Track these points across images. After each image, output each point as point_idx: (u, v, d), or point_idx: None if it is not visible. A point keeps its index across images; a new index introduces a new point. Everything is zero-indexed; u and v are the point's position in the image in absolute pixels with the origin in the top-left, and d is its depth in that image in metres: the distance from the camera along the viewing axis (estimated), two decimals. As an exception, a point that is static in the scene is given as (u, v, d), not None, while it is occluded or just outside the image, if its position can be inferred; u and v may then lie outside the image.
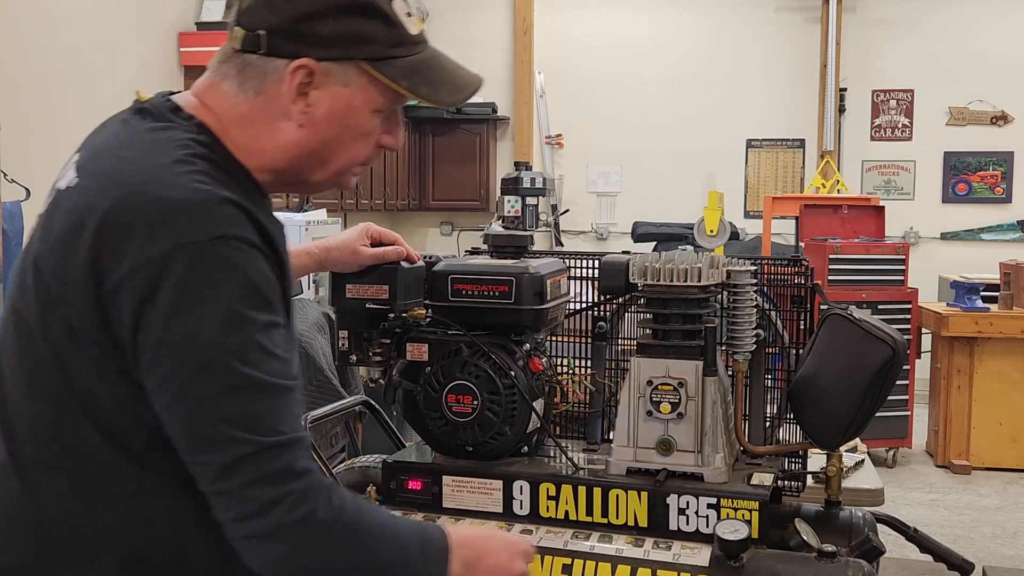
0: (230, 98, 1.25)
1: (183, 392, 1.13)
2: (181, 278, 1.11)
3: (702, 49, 8.80)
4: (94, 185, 1.18)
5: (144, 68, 5.19)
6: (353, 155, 1.30)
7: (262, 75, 1.23)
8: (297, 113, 1.23)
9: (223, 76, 1.26)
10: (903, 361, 1.72)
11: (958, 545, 4.44)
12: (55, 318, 1.17)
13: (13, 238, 3.57)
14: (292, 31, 1.21)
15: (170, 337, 1.12)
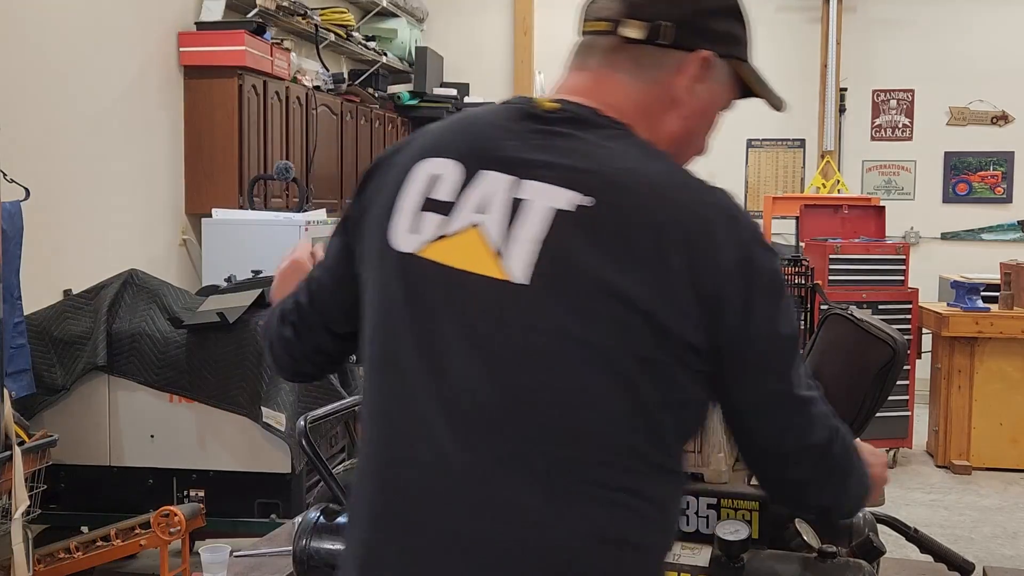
0: (626, 89, 1.28)
1: (784, 379, 1.22)
2: (769, 277, 1.18)
3: (702, 49, 8.81)
4: (643, 201, 1.17)
5: (144, 68, 5.19)
6: (699, 150, 1.38)
7: (659, 65, 1.27)
8: (685, 103, 1.29)
9: (615, 67, 1.28)
10: (903, 361, 1.72)
11: (958, 545, 4.44)
12: (638, 339, 1.14)
13: (13, 238, 3.57)
14: (695, 25, 1.28)
15: (773, 332, 1.19)
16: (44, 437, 3.38)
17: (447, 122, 1.33)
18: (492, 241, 1.18)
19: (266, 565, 2.20)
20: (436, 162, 1.24)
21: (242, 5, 5.88)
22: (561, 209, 1.16)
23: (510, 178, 1.19)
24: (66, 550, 3.60)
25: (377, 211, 1.28)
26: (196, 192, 5.56)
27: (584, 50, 1.32)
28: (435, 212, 1.22)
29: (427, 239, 1.21)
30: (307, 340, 1.48)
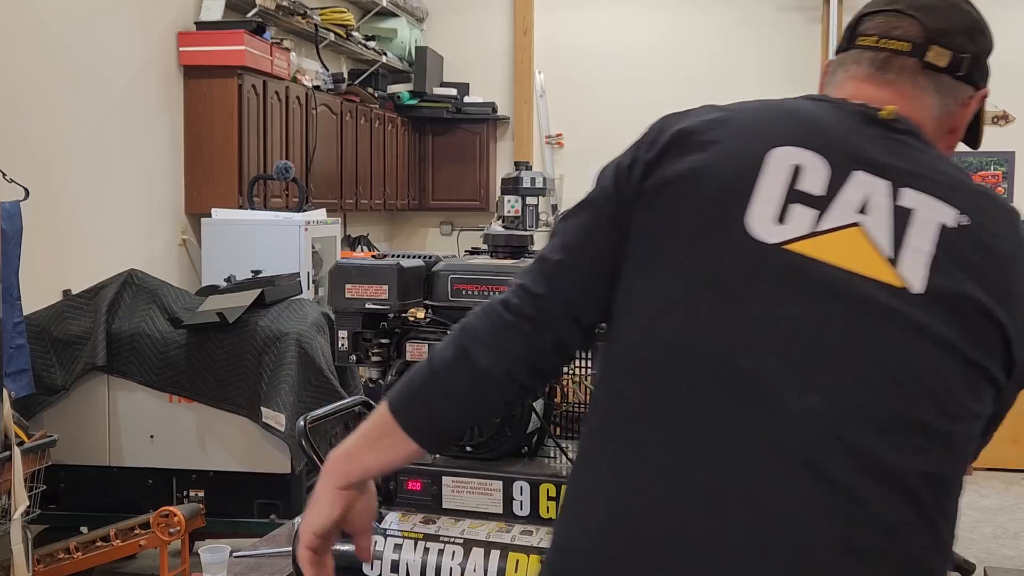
0: (927, 111, 1.30)
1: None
2: None
3: (702, 49, 8.80)
4: (1000, 228, 1.20)
5: (144, 68, 5.18)
6: None
7: (952, 95, 1.33)
8: (958, 135, 1.36)
9: (920, 88, 1.30)
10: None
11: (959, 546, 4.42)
12: (999, 367, 1.17)
13: (13, 238, 3.57)
14: (981, 62, 1.39)
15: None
16: (44, 437, 3.38)
17: (767, 110, 1.27)
18: (880, 245, 1.15)
19: (266, 565, 2.20)
20: (793, 151, 1.19)
21: (242, 5, 5.88)
22: (947, 225, 1.17)
23: (885, 182, 1.18)
24: (66, 550, 3.59)
25: (709, 192, 1.18)
26: (196, 192, 5.55)
27: (881, 64, 1.30)
28: (806, 205, 1.16)
29: (799, 233, 1.15)
30: (546, 336, 1.26)
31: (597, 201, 1.26)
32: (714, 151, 1.20)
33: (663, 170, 1.21)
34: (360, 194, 7.34)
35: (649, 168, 1.22)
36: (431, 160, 8.81)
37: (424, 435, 1.26)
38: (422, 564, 1.71)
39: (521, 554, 1.67)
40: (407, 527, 1.76)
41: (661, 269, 1.18)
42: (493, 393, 1.26)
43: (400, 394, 1.27)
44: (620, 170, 1.24)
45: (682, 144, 1.22)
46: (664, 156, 1.22)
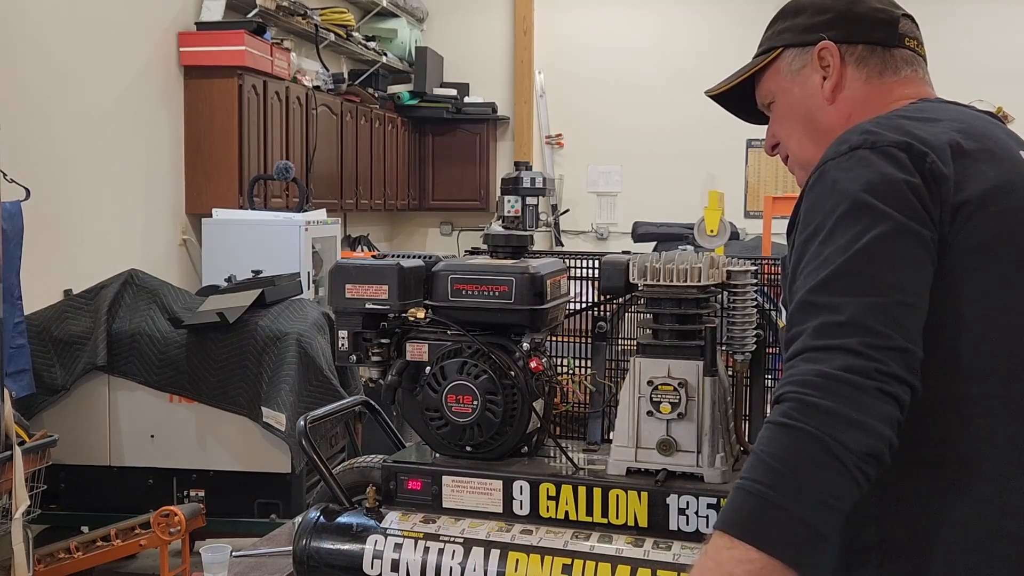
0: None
1: None
2: None
3: (702, 49, 8.80)
4: None
5: (144, 68, 5.18)
6: None
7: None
8: None
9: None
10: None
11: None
12: None
13: (13, 238, 3.57)
14: None
15: None
16: (44, 437, 3.38)
17: (964, 114, 1.36)
18: None
19: (266, 565, 2.20)
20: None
21: (242, 5, 5.88)
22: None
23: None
24: (66, 550, 3.60)
25: (1015, 203, 1.22)
26: (196, 192, 5.56)
27: (922, 63, 1.44)
28: None
29: None
30: (912, 389, 1.12)
31: (910, 226, 1.15)
32: (995, 164, 1.25)
33: (971, 184, 1.21)
34: (360, 194, 7.34)
35: (956, 183, 1.20)
36: (431, 160, 8.81)
37: (812, 559, 1.06)
38: (422, 563, 1.72)
39: (521, 554, 1.68)
40: (407, 526, 1.76)
41: (1007, 288, 1.19)
42: (873, 474, 1.08)
43: (766, 530, 1.05)
44: (919, 190, 1.18)
45: (964, 157, 1.23)
46: (961, 169, 1.21)
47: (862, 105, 1.37)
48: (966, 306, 1.16)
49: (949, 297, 1.15)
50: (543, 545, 1.68)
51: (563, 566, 1.65)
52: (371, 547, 1.75)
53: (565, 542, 1.69)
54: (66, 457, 3.72)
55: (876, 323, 1.09)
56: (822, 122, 1.40)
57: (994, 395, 1.16)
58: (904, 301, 1.12)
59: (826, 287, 1.12)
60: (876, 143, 1.21)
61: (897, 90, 1.39)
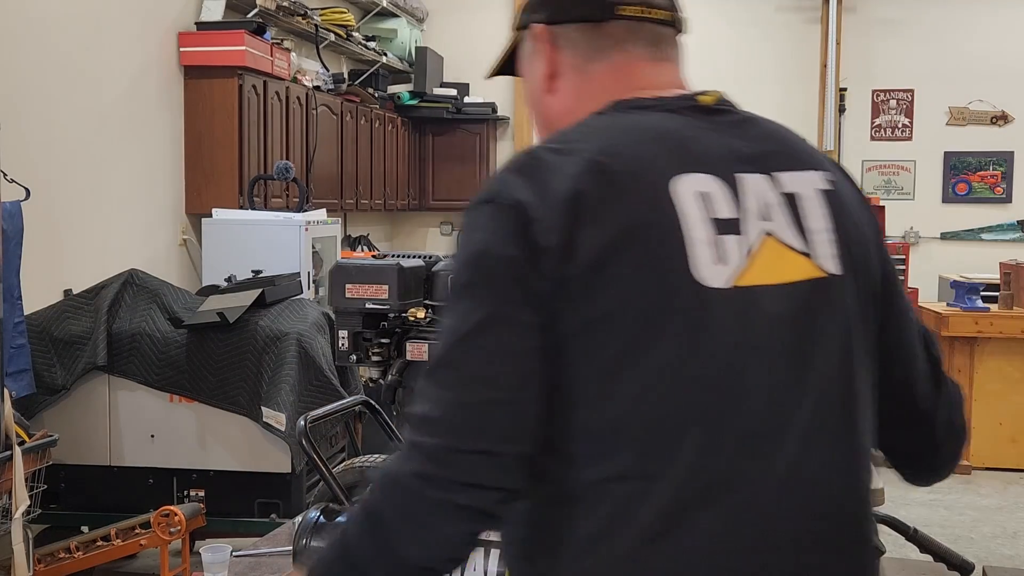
0: (687, 84, 1.25)
1: None
2: None
3: (701, 49, 8.78)
4: (843, 174, 1.24)
5: (144, 68, 5.18)
6: None
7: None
8: None
9: (680, 62, 1.25)
10: (903, 361, 1.72)
11: (958, 545, 4.43)
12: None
13: (13, 238, 3.57)
14: None
15: None
16: (44, 437, 3.38)
17: (625, 135, 1.12)
18: (793, 243, 1.12)
19: (266, 565, 2.20)
20: (693, 178, 1.09)
21: (242, 5, 5.88)
22: (824, 190, 1.16)
23: (761, 176, 1.13)
24: (66, 550, 3.60)
25: (640, 252, 1.05)
26: (196, 192, 5.56)
27: (655, 39, 1.20)
28: (729, 233, 1.08)
29: (739, 265, 1.08)
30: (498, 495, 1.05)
31: (506, 312, 1.03)
32: (623, 209, 1.05)
33: (582, 248, 1.03)
34: (360, 194, 7.34)
35: (562, 252, 1.03)
36: (431, 160, 8.81)
37: None
38: (422, 563, 1.71)
39: (521, 553, 1.68)
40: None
41: (631, 342, 1.04)
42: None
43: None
44: (520, 267, 1.03)
45: (582, 212, 1.04)
46: (573, 231, 1.03)
47: (576, 99, 1.20)
48: (594, 383, 1.04)
49: (577, 376, 1.04)
50: (543, 545, 1.68)
51: (563, 566, 1.65)
52: None
53: (565, 542, 1.69)
54: (66, 457, 3.73)
55: (463, 424, 1.01)
56: (547, 115, 1.24)
57: (634, 475, 1.04)
58: (496, 399, 1.02)
59: (433, 374, 1.04)
60: (496, 197, 1.06)
61: (605, 82, 1.19)
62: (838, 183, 1.19)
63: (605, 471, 1.04)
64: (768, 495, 1.06)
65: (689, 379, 1.04)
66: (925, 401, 1.27)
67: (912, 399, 1.26)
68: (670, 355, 1.04)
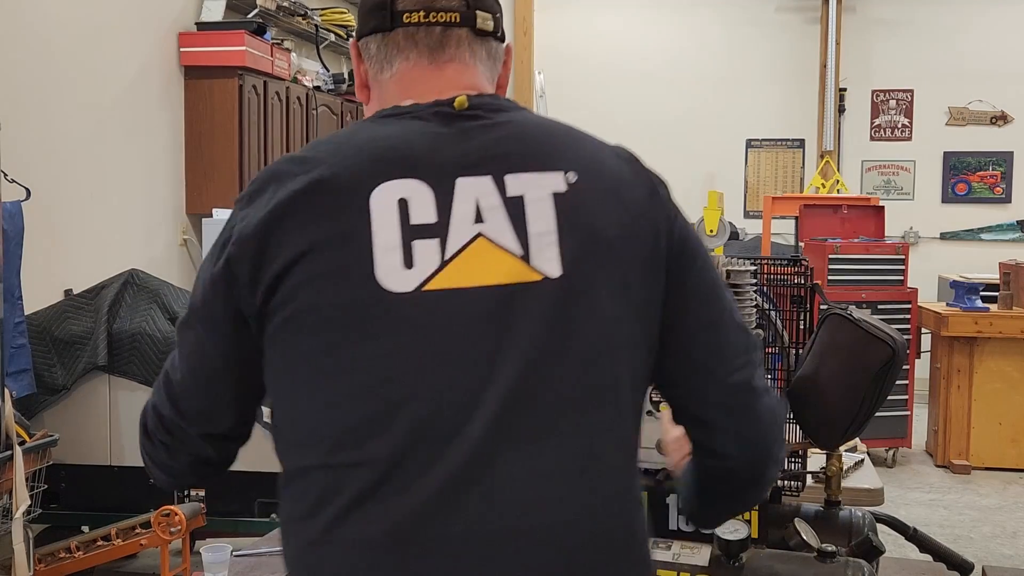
0: (483, 79, 1.27)
1: None
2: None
3: (701, 48, 8.81)
4: (607, 170, 1.22)
5: (144, 68, 5.19)
6: None
7: (496, 56, 1.31)
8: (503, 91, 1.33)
9: (475, 58, 1.26)
10: (903, 361, 1.72)
11: (958, 545, 4.44)
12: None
13: (13, 238, 3.57)
14: (502, 18, 1.31)
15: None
16: (45, 437, 3.39)
17: (351, 146, 1.17)
18: (508, 246, 1.12)
19: (266, 565, 2.20)
20: (392, 185, 1.11)
21: (242, 5, 5.88)
22: (558, 192, 1.15)
23: (484, 178, 1.13)
24: (67, 550, 3.60)
25: (328, 262, 1.10)
26: (196, 192, 5.56)
27: (437, 42, 1.23)
28: (426, 238, 1.10)
29: (430, 270, 1.10)
30: (182, 455, 1.32)
31: (213, 299, 1.18)
32: (309, 214, 1.11)
33: (266, 254, 1.11)
34: (360, 194, 7.34)
35: (252, 257, 1.12)
36: (431, 160, 8.81)
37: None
38: (422, 563, 1.72)
39: (521, 553, 1.68)
40: (408, 526, 1.76)
41: (321, 348, 1.11)
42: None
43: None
44: (218, 285, 1.16)
45: (275, 223, 1.11)
46: (265, 242, 1.11)
47: (378, 109, 1.25)
48: (289, 383, 1.18)
49: (276, 375, 1.20)
50: (543, 545, 1.68)
51: (563, 566, 1.65)
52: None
53: (565, 542, 1.69)
54: (67, 457, 3.73)
55: (165, 399, 1.29)
56: None
57: (328, 466, 1.13)
58: (184, 389, 1.27)
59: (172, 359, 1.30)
60: (228, 220, 1.19)
61: (392, 91, 1.24)
62: (585, 182, 1.16)
63: (306, 460, 1.16)
64: (444, 498, 1.07)
65: (369, 381, 1.09)
66: (708, 412, 1.25)
67: (687, 407, 1.26)
68: (352, 358, 1.10)
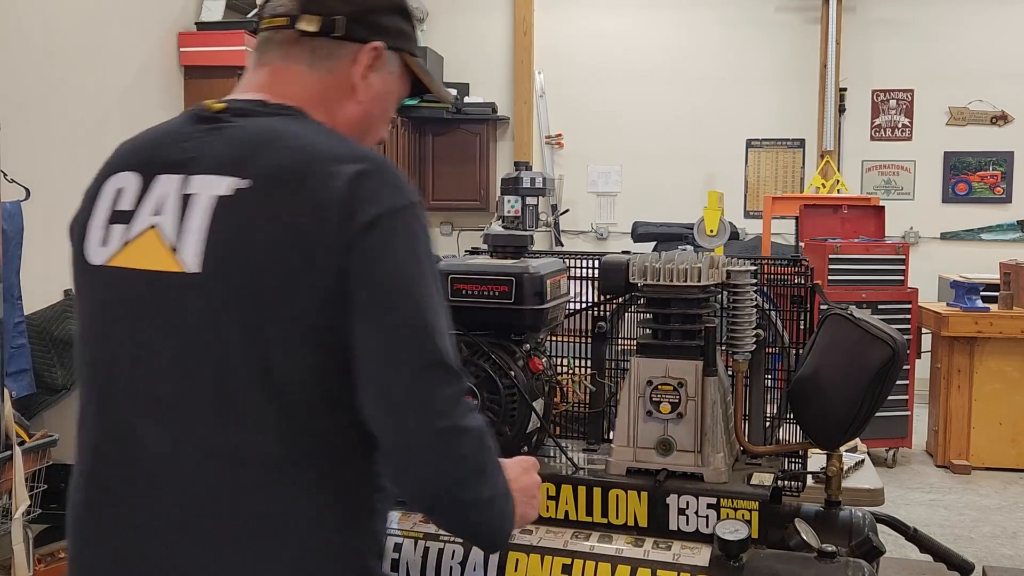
0: (303, 79, 1.37)
1: None
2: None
3: (702, 49, 8.80)
4: (299, 176, 1.23)
5: (144, 68, 5.19)
6: (379, 135, 1.48)
7: (334, 56, 1.37)
8: (361, 90, 1.39)
9: (292, 60, 1.37)
10: (903, 361, 1.72)
11: (958, 545, 4.44)
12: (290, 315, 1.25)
13: (13, 238, 3.57)
14: (365, 19, 1.38)
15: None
16: (45, 437, 3.38)
17: (136, 137, 1.39)
18: (167, 238, 1.26)
19: (266, 565, 2.20)
20: (120, 176, 1.33)
21: (242, 5, 5.88)
22: (222, 195, 1.24)
23: (179, 177, 1.28)
24: (67, 550, 3.59)
25: (77, 233, 1.37)
26: (196, 192, 5.56)
27: (262, 46, 1.40)
28: (119, 223, 1.31)
29: (115, 249, 1.30)
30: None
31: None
32: (86, 195, 1.37)
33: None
34: (360, 194, 7.33)
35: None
36: (431, 160, 8.81)
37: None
38: (422, 563, 1.72)
39: (521, 553, 1.68)
40: (407, 526, 1.76)
41: (75, 301, 1.41)
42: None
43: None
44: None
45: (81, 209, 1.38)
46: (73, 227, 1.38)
47: None
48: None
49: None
50: (543, 545, 1.68)
51: (563, 566, 1.65)
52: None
53: (565, 542, 1.69)
54: (67, 457, 3.71)
55: None
56: None
57: (90, 402, 1.46)
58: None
59: None
60: None
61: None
62: (255, 191, 1.22)
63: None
64: (102, 452, 1.44)
65: (82, 334, 1.39)
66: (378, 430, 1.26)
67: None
68: (79, 324, 1.39)
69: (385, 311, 1.20)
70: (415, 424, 1.20)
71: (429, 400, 1.20)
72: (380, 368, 1.20)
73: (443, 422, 1.20)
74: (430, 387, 1.21)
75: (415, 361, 1.20)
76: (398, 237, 1.21)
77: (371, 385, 1.20)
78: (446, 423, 1.21)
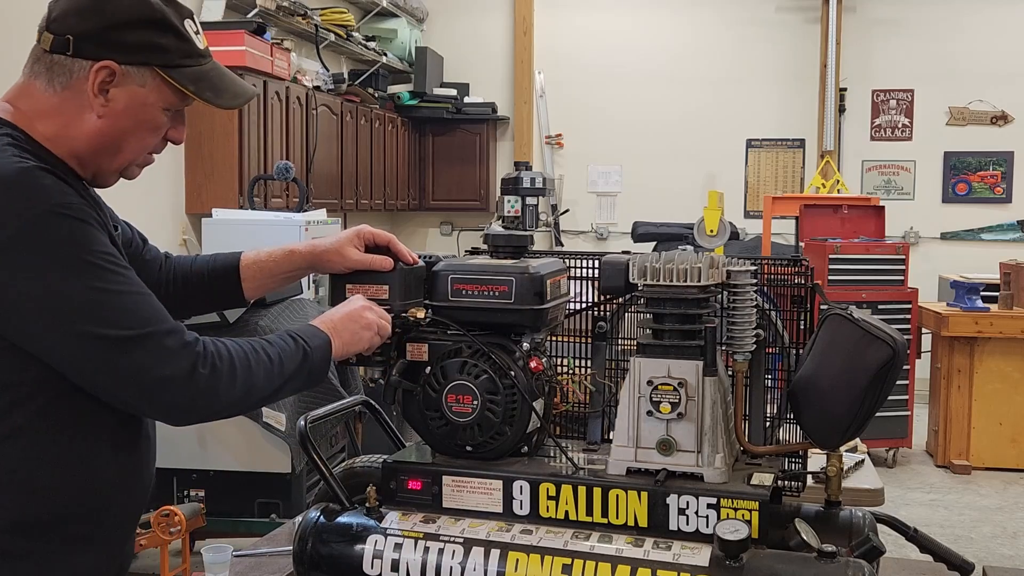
0: (40, 94, 1.50)
1: None
2: None
3: (702, 49, 8.81)
4: None
5: (144, 68, 5.20)
6: (144, 145, 1.58)
7: (69, 73, 1.49)
8: (98, 106, 1.50)
9: (36, 75, 1.51)
10: (903, 361, 1.72)
11: (958, 545, 4.44)
12: None
13: None
14: (98, 37, 1.48)
15: None
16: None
17: None
18: None
19: (266, 565, 2.21)
20: None
21: (242, 5, 5.88)
22: None
23: None
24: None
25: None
26: (196, 192, 5.56)
27: (29, 57, 1.52)
28: None
29: None
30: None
31: None
32: None
33: None
34: (360, 194, 7.34)
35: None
36: (431, 160, 8.81)
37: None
38: (422, 563, 1.71)
39: (521, 553, 1.68)
40: (407, 526, 1.76)
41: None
42: None
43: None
44: None
45: None
46: None
47: None
48: None
49: None
50: (543, 545, 1.68)
51: (563, 566, 1.65)
52: (371, 547, 1.75)
53: (565, 542, 1.69)
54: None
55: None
56: None
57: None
58: None
59: None
60: None
61: None
62: None
63: None
64: None
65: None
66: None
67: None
68: None
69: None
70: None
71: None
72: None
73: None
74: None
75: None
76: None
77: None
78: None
